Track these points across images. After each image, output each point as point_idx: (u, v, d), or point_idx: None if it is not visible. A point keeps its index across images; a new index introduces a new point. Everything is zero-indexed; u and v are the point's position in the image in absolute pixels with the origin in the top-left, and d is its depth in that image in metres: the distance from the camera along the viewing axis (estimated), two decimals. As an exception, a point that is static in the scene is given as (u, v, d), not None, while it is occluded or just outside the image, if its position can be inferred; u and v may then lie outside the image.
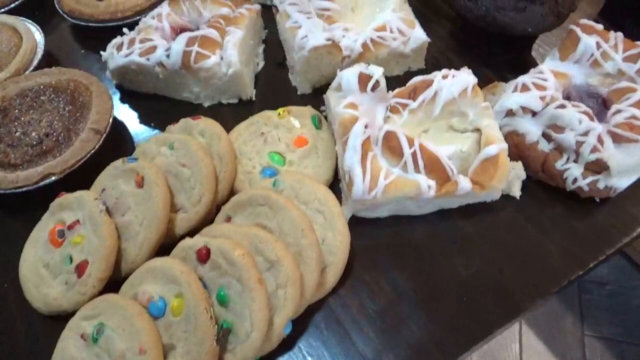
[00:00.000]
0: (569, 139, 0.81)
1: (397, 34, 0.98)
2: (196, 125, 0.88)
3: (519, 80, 0.88)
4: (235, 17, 1.02)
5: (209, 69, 0.95)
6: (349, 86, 0.87)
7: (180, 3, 1.07)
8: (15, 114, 0.95)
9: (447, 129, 0.90)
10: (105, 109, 0.94)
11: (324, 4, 1.02)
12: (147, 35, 1.01)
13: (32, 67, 1.05)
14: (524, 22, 0.94)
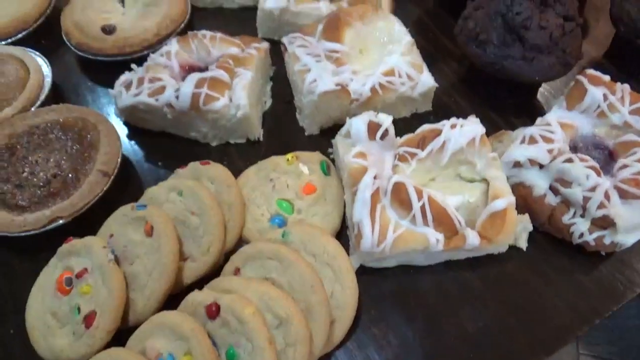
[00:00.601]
0: (576, 194, 0.81)
1: (405, 78, 0.99)
2: (205, 171, 0.88)
3: (527, 132, 0.88)
4: (244, 58, 1.03)
5: (218, 111, 0.95)
6: (358, 134, 0.88)
7: (189, 41, 1.07)
8: (23, 153, 0.95)
9: (455, 177, 0.90)
10: (113, 150, 0.94)
11: (332, 46, 1.02)
12: (155, 74, 1.01)
13: (40, 101, 1.05)
14: (532, 71, 0.95)
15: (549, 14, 0.94)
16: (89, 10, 1.17)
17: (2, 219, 0.87)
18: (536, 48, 0.93)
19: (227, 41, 1.07)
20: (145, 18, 1.15)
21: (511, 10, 0.94)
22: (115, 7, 1.20)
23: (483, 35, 0.97)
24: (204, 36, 1.07)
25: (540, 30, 0.92)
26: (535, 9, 0.94)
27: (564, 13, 0.94)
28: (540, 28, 0.92)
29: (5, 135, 0.98)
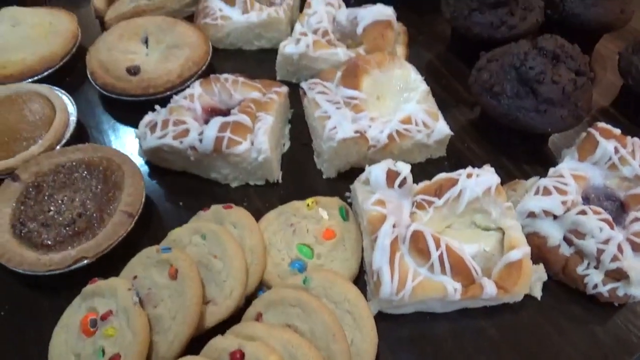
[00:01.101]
0: (590, 246, 0.83)
1: (421, 126, 1.02)
2: (228, 215, 0.90)
3: (541, 183, 0.91)
4: (265, 102, 1.06)
5: (240, 155, 0.98)
6: (377, 182, 0.90)
7: (212, 84, 1.11)
8: (49, 191, 0.97)
9: (470, 225, 0.93)
10: (137, 191, 0.97)
11: (351, 93, 1.06)
12: (179, 117, 1.04)
13: (65, 139, 1.08)
14: (545, 123, 0.98)
15: (561, 68, 0.97)
16: (115, 51, 1.20)
17: (28, 257, 0.88)
18: (549, 101, 0.97)
19: (249, 85, 1.10)
20: (168, 60, 1.19)
21: (525, 64, 0.98)
22: (140, 49, 1.24)
23: (497, 87, 1.01)
24: (226, 80, 1.11)
25: (553, 84, 0.96)
26: (548, 63, 0.98)
27: (575, 68, 0.98)
28: (553, 82, 0.96)
29: (32, 173, 1.00)
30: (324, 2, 1.30)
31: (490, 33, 1.17)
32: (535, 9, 1.18)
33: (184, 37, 1.23)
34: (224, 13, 1.30)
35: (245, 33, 1.30)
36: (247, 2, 1.30)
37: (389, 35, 1.20)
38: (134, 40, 1.24)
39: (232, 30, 1.30)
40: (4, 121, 1.09)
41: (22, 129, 1.08)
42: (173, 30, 1.24)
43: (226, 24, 1.29)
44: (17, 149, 1.05)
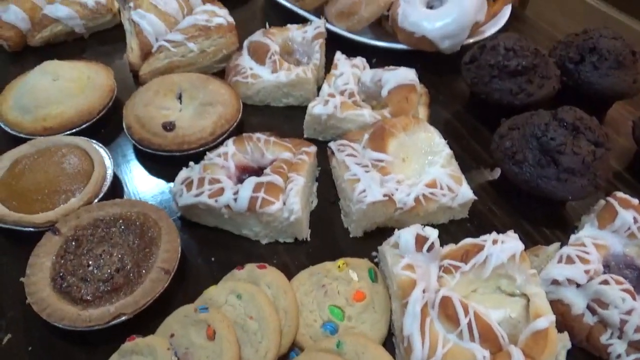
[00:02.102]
0: (613, 316, 0.86)
1: (446, 190, 1.07)
2: (263, 275, 0.94)
3: (564, 252, 0.95)
4: (296, 164, 1.11)
5: (272, 214, 1.02)
6: (407, 246, 0.94)
7: (245, 143, 1.16)
8: (87, 246, 1.01)
9: (495, 290, 0.96)
10: (173, 248, 1.00)
11: (378, 155, 1.11)
12: (214, 175, 1.09)
13: (102, 193, 1.13)
14: (566, 191, 1.02)
15: (581, 140, 1.02)
16: (150, 107, 1.26)
17: (69, 313, 0.91)
18: (570, 170, 1.01)
19: (280, 145, 1.15)
20: (202, 117, 1.25)
21: (546, 135, 1.03)
22: (174, 104, 1.30)
23: (519, 155, 1.06)
24: (259, 140, 1.16)
25: (574, 155, 1.01)
26: (569, 135, 1.03)
27: (594, 139, 1.03)
28: (574, 153, 1.01)
29: (72, 227, 1.04)
30: (350, 63, 1.37)
31: (509, 99, 1.23)
32: (552, 77, 1.24)
33: (216, 94, 1.29)
34: (254, 71, 1.37)
35: (274, 91, 1.37)
36: (276, 61, 1.37)
37: (412, 99, 1.26)
38: (169, 96, 1.30)
39: (261, 88, 1.36)
40: (44, 173, 1.14)
41: (61, 182, 1.13)
42: (206, 87, 1.30)
43: (256, 82, 1.35)
44: (56, 201, 1.10)
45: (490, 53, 1.24)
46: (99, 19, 1.60)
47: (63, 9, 1.54)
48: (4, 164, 1.17)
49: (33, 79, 1.31)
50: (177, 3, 1.56)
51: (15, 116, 1.28)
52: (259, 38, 1.43)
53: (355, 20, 1.48)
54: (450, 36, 1.39)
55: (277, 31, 1.47)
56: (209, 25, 1.45)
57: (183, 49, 1.42)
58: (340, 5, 1.50)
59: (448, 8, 1.40)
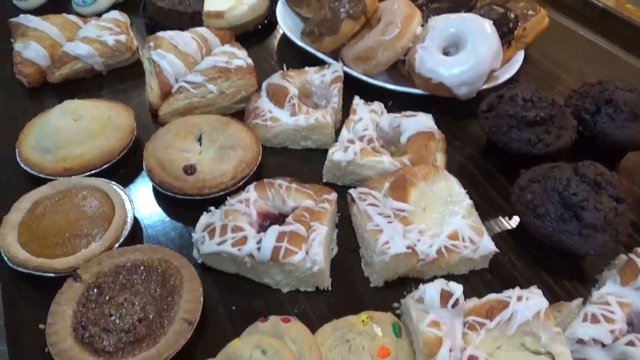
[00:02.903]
0: (640, 378, 0.86)
1: (468, 242, 1.07)
2: (287, 329, 0.93)
3: (588, 310, 0.95)
4: (319, 212, 1.11)
5: (295, 264, 1.02)
6: (431, 302, 0.94)
7: (266, 189, 1.16)
8: (109, 294, 1.00)
9: (519, 347, 0.95)
10: (195, 298, 1.00)
11: (400, 205, 1.11)
12: (236, 222, 1.09)
13: (123, 238, 1.13)
14: (587, 247, 1.03)
15: (603, 196, 1.03)
16: (171, 149, 1.27)
17: (92, 365, 0.91)
18: (592, 226, 1.02)
19: (301, 192, 1.16)
20: (222, 161, 1.25)
21: (568, 189, 1.04)
22: (194, 146, 1.30)
23: (541, 209, 1.06)
24: (280, 186, 1.16)
25: (596, 211, 1.02)
26: (591, 190, 1.04)
27: (616, 195, 1.04)
28: (596, 210, 1.02)
29: (93, 273, 1.04)
30: (368, 109, 1.38)
31: (527, 149, 1.24)
32: (569, 128, 1.26)
33: (236, 138, 1.30)
34: (273, 115, 1.38)
35: (293, 134, 1.38)
36: (295, 105, 1.39)
37: (431, 146, 1.27)
38: (189, 138, 1.31)
39: (280, 131, 1.37)
40: (65, 216, 1.14)
41: (82, 225, 1.13)
42: (226, 130, 1.31)
43: (275, 126, 1.37)
44: (77, 245, 1.10)
45: (508, 103, 1.26)
46: (118, 57, 1.62)
47: (83, 47, 1.55)
48: (25, 205, 1.17)
49: (54, 118, 1.32)
50: (197, 43, 1.58)
51: (36, 156, 1.28)
52: (277, 81, 1.45)
53: (372, 65, 1.51)
54: (467, 83, 1.42)
55: (295, 74, 1.49)
56: (229, 67, 1.47)
57: (203, 90, 1.44)
58: (358, 50, 1.52)
59: (465, 56, 1.42)
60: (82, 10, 1.88)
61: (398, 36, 1.47)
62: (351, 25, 1.55)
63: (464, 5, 1.66)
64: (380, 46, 1.48)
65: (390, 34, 1.47)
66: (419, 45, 1.47)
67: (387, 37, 1.47)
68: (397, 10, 1.51)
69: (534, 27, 1.65)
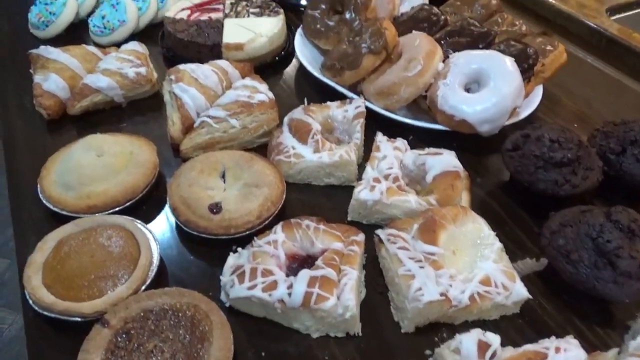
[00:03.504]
0: None
1: (500, 288, 1.06)
2: (323, 381, 0.92)
3: (626, 362, 0.94)
4: (348, 256, 1.10)
5: (327, 310, 1.01)
6: (468, 353, 0.92)
7: (294, 230, 1.15)
8: (138, 340, 0.98)
9: (558, 400, 0.94)
10: (226, 346, 0.98)
11: (430, 249, 1.10)
12: (265, 265, 1.08)
13: (149, 280, 1.11)
14: (622, 294, 1.02)
15: (637, 243, 1.03)
16: (195, 187, 1.26)
17: (122, 419, 0.89)
18: (627, 274, 1.01)
19: (329, 233, 1.15)
20: (247, 199, 1.24)
21: (601, 236, 1.04)
22: (218, 184, 1.30)
23: (574, 255, 1.06)
24: (308, 227, 1.15)
25: (631, 259, 1.01)
26: (625, 237, 1.03)
27: (650, 242, 1.04)
28: (631, 257, 1.01)
29: (121, 318, 1.02)
30: (392, 146, 1.38)
31: (554, 190, 1.24)
32: (595, 169, 1.26)
33: (261, 175, 1.29)
34: (296, 151, 1.38)
35: (316, 171, 1.37)
36: (318, 141, 1.38)
37: (458, 186, 1.26)
38: (213, 175, 1.30)
39: (304, 168, 1.37)
40: (90, 257, 1.12)
41: (108, 266, 1.11)
42: (251, 167, 1.31)
43: (299, 162, 1.36)
44: (103, 288, 1.08)
45: (535, 144, 1.26)
46: (138, 89, 1.62)
47: (104, 80, 1.55)
48: (49, 245, 1.15)
49: (77, 154, 1.31)
50: (217, 76, 1.58)
51: (59, 193, 1.27)
52: (300, 116, 1.45)
53: (394, 100, 1.51)
54: (489, 121, 1.42)
55: (317, 109, 1.49)
56: (251, 101, 1.47)
57: (225, 125, 1.44)
58: (380, 85, 1.52)
59: (488, 93, 1.42)
60: (99, 40, 1.89)
61: (420, 73, 1.47)
62: (372, 60, 1.56)
63: (482, 40, 1.67)
64: (403, 82, 1.48)
65: (413, 70, 1.48)
66: (441, 82, 1.47)
67: (410, 74, 1.48)
68: (419, 46, 1.51)
69: (553, 63, 1.66)
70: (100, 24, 1.86)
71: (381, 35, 1.56)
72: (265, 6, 1.94)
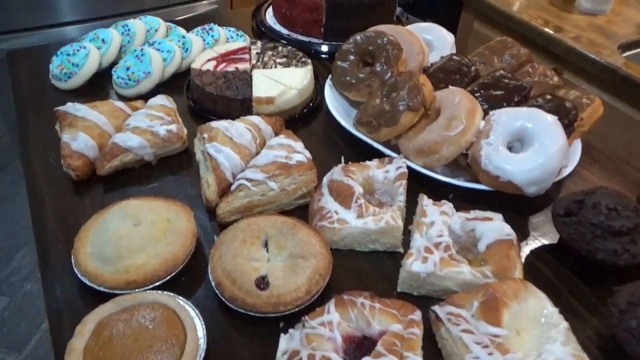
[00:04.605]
0: None
1: (573, 376, 1.00)
2: None
3: None
4: (409, 340, 1.05)
5: (393, 404, 0.95)
6: None
7: (348, 309, 1.09)
8: None
9: None
10: None
11: (494, 330, 1.05)
12: (323, 351, 1.02)
13: (197, 366, 1.05)
14: None
15: None
16: (239, 259, 1.20)
17: None
18: None
19: (386, 313, 1.09)
20: (294, 272, 1.19)
21: (678, 319, 0.99)
22: (262, 254, 1.24)
23: (650, 339, 1.01)
24: (363, 306, 1.10)
25: None
26: (702, 318, 0.99)
27: None
28: None
29: (173, 415, 0.95)
30: (439, 210, 1.33)
31: (613, 260, 1.19)
32: (654, 236, 1.22)
33: (307, 244, 1.24)
34: (340, 216, 1.33)
35: (361, 237, 1.32)
36: (362, 205, 1.34)
37: (513, 256, 1.22)
38: (256, 244, 1.25)
39: (348, 234, 1.32)
40: (134, 341, 1.05)
41: (154, 351, 1.04)
42: (295, 235, 1.25)
43: (343, 229, 1.31)
44: (149, 377, 1.01)
45: (591, 211, 1.22)
46: (169, 147, 1.57)
47: (135, 139, 1.50)
48: (88, 327, 1.09)
49: (113, 224, 1.26)
50: (251, 134, 1.54)
51: (95, 267, 1.21)
52: (340, 178, 1.40)
53: (435, 159, 1.47)
54: (537, 182, 1.38)
55: (357, 169, 1.45)
56: (289, 162, 1.42)
57: (263, 188, 1.39)
58: (420, 144, 1.49)
59: (534, 154, 1.39)
60: (123, 92, 1.85)
61: (463, 132, 1.44)
62: (411, 117, 1.53)
63: (517, 93, 1.64)
64: (445, 141, 1.45)
65: (455, 129, 1.44)
66: (484, 141, 1.44)
67: (452, 133, 1.44)
68: (459, 104, 1.48)
69: (591, 116, 1.63)
70: (125, 75, 1.82)
71: (419, 91, 1.53)
72: (292, 56, 1.91)
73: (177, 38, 2.00)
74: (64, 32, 3.29)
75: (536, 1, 2.98)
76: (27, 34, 3.18)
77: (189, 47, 1.97)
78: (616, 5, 2.93)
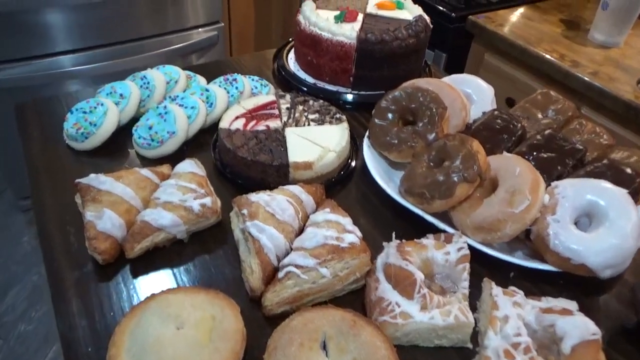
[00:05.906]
0: None
1: None
2: None
3: None
4: None
5: None
6: None
7: None
8: None
9: None
10: None
11: None
12: None
13: None
14: None
15: None
16: (298, 368, 1.07)
17: None
18: None
19: None
20: (362, 384, 1.06)
21: None
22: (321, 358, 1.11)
23: None
24: None
25: None
26: None
27: None
28: None
29: None
30: (511, 300, 1.21)
31: None
32: None
33: (372, 348, 1.10)
34: (402, 309, 1.20)
35: (427, 333, 1.20)
36: (426, 296, 1.21)
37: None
38: (314, 349, 1.11)
39: (412, 330, 1.19)
40: None
41: None
42: (357, 336, 1.12)
43: (407, 323, 1.19)
44: None
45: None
46: (202, 222, 1.44)
47: (167, 216, 1.37)
48: None
49: (153, 327, 1.11)
50: (293, 208, 1.41)
51: (136, 381, 1.06)
52: (397, 262, 1.28)
53: (496, 237, 1.36)
54: (612, 266, 1.27)
55: (413, 249, 1.33)
56: (341, 245, 1.30)
57: (314, 275, 1.26)
58: (480, 220, 1.37)
59: (607, 233, 1.28)
60: (145, 153, 1.71)
61: (528, 209, 1.33)
62: (466, 189, 1.42)
63: (572, 157, 1.54)
64: (508, 219, 1.33)
65: (520, 206, 1.33)
66: (550, 218, 1.33)
67: (516, 210, 1.33)
68: (521, 176, 1.37)
69: (651, 182, 1.53)
70: (147, 135, 1.69)
71: (474, 160, 1.42)
72: (324, 111, 1.80)
73: (199, 91, 1.87)
74: (59, 61, 3.16)
75: (548, 34, 2.92)
76: (21, 64, 3.04)
77: (213, 101, 1.84)
78: (628, 37, 2.87)
